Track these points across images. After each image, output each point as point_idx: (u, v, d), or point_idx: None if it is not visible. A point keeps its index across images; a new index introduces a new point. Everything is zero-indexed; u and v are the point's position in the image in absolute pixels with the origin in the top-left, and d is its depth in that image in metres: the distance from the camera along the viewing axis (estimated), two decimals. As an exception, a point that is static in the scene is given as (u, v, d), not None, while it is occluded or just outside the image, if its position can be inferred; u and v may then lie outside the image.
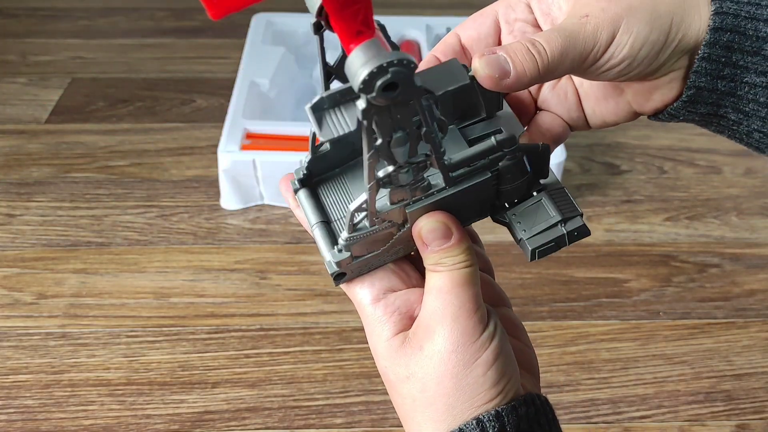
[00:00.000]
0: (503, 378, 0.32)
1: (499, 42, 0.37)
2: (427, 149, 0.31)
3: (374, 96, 0.26)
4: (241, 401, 0.68)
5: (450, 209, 0.34)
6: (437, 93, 0.33)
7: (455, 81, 0.34)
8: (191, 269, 0.80)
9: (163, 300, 0.77)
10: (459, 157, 0.32)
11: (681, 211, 0.90)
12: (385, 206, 0.33)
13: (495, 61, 0.31)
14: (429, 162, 0.31)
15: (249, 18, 1.07)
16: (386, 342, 0.34)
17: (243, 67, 0.96)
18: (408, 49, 1.03)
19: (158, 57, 1.15)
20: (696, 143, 1.00)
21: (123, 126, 1.01)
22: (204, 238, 0.84)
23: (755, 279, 0.81)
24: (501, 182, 0.34)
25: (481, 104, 0.36)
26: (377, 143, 0.29)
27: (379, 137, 0.28)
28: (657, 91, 0.35)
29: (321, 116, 0.29)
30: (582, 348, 0.73)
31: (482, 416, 0.31)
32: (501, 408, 0.31)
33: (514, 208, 0.36)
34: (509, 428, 0.31)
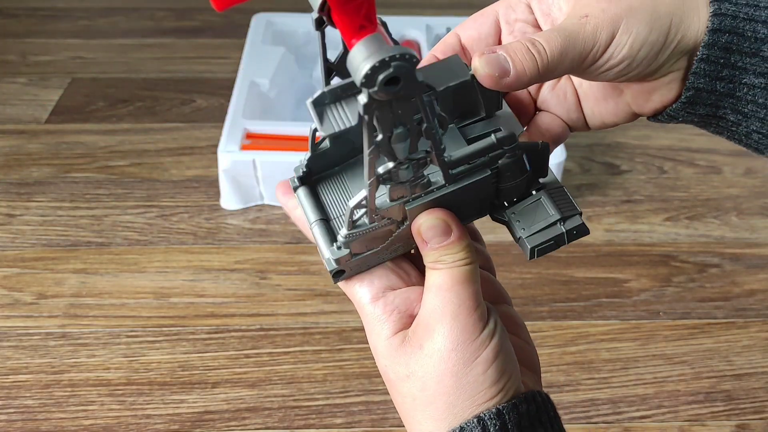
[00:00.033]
0: (504, 376, 0.32)
1: (500, 42, 0.37)
2: (428, 146, 0.31)
3: (376, 90, 0.26)
4: (241, 401, 0.68)
5: (450, 207, 0.34)
6: (439, 88, 0.33)
7: (456, 77, 0.34)
8: (191, 269, 0.80)
9: (163, 300, 0.77)
10: (459, 155, 0.32)
11: (681, 211, 0.90)
12: (385, 203, 0.33)
13: (495, 60, 0.31)
14: (429, 159, 0.31)
15: (249, 18, 1.07)
16: (386, 341, 0.34)
17: (243, 67, 0.96)
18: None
19: (158, 57, 1.15)
20: (696, 143, 1.00)
21: (123, 126, 1.01)
22: (204, 238, 0.84)
23: (755, 279, 0.81)
24: (500, 180, 0.34)
25: (481, 103, 0.36)
26: (378, 139, 0.29)
27: (380, 133, 0.28)
28: (656, 92, 0.35)
29: (322, 111, 0.29)
30: (582, 348, 0.73)
31: (483, 414, 0.31)
32: (502, 406, 0.31)
33: (514, 207, 0.36)
34: (510, 426, 0.31)
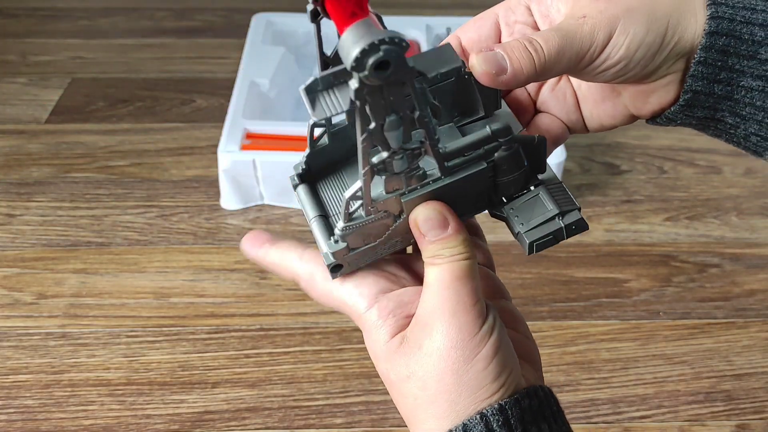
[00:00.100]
0: (504, 371, 0.32)
1: None
2: (422, 136, 0.31)
3: (366, 75, 0.26)
4: (241, 401, 0.68)
5: (446, 201, 0.34)
6: (430, 74, 0.33)
7: (447, 64, 0.34)
8: (191, 269, 0.80)
9: (163, 300, 0.77)
10: (454, 146, 0.32)
11: (681, 211, 0.90)
12: (381, 195, 0.33)
13: (492, 58, 0.31)
14: (423, 149, 0.31)
15: (249, 18, 1.07)
16: (384, 345, 0.34)
17: (243, 67, 0.96)
18: (414, 55, 1.03)
19: (158, 57, 1.15)
20: (696, 143, 1.00)
21: (123, 126, 1.01)
22: (204, 238, 0.84)
23: (755, 279, 0.81)
24: (497, 174, 0.34)
25: (480, 102, 0.37)
26: (370, 126, 0.29)
27: (372, 120, 0.28)
28: (654, 94, 0.35)
29: (314, 97, 0.29)
30: (582, 348, 0.73)
31: (486, 410, 0.31)
32: (504, 401, 0.32)
33: (512, 203, 0.36)
34: (513, 421, 0.31)
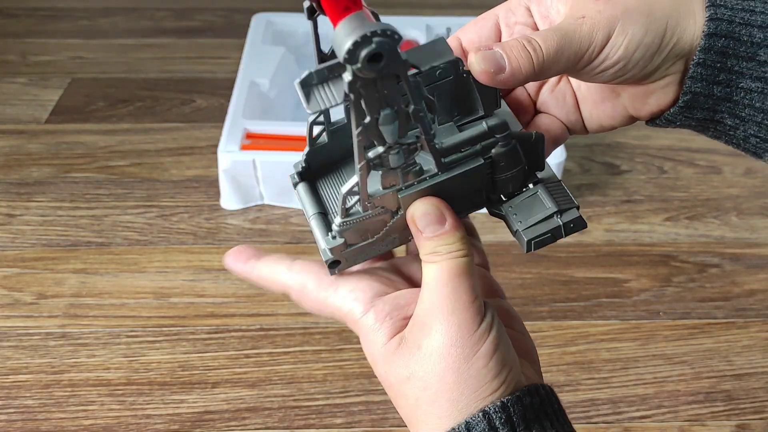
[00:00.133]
0: (505, 368, 0.32)
1: None
2: (418, 131, 0.31)
3: (359, 67, 0.26)
4: (241, 401, 0.68)
5: (444, 197, 0.34)
6: (423, 68, 0.33)
7: (441, 57, 0.34)
8: (191, 269, 0.81)
9: (163, 300, 0.77)
10: (450, 142, 0.33)
11: (681, 211, 0.90)
12: (378, 191, 0.33)
13: (491, 57, 0.31)
14: (419, 144, 0.31)
15: (249, 18, 1.07)
16: (383, 347, 0.34)
17: (243, 67, 0.96)
18: (408, 49, 1.03)
19: (158, 57, 1.15)
20: (696, 143, 1.00)
21: (123, 126, 1.01)
22: (204, 238, 0.84)
23: (755, 279, 0.81)
24: (495, 171, 0.34)
25: (479, 101, 0.37)
26: (365, 120, 0.29)
27: (367, 114, 0.28)
28: (652, 96, 0.36)
29: (309, 91, 0.29)
30: (582, 348, 0.73)
31: (488, 408, 0.31)
32: (506, 399, 0.32)
33: (510, 201, 0.36)
34: (515, 418, 0.31)
